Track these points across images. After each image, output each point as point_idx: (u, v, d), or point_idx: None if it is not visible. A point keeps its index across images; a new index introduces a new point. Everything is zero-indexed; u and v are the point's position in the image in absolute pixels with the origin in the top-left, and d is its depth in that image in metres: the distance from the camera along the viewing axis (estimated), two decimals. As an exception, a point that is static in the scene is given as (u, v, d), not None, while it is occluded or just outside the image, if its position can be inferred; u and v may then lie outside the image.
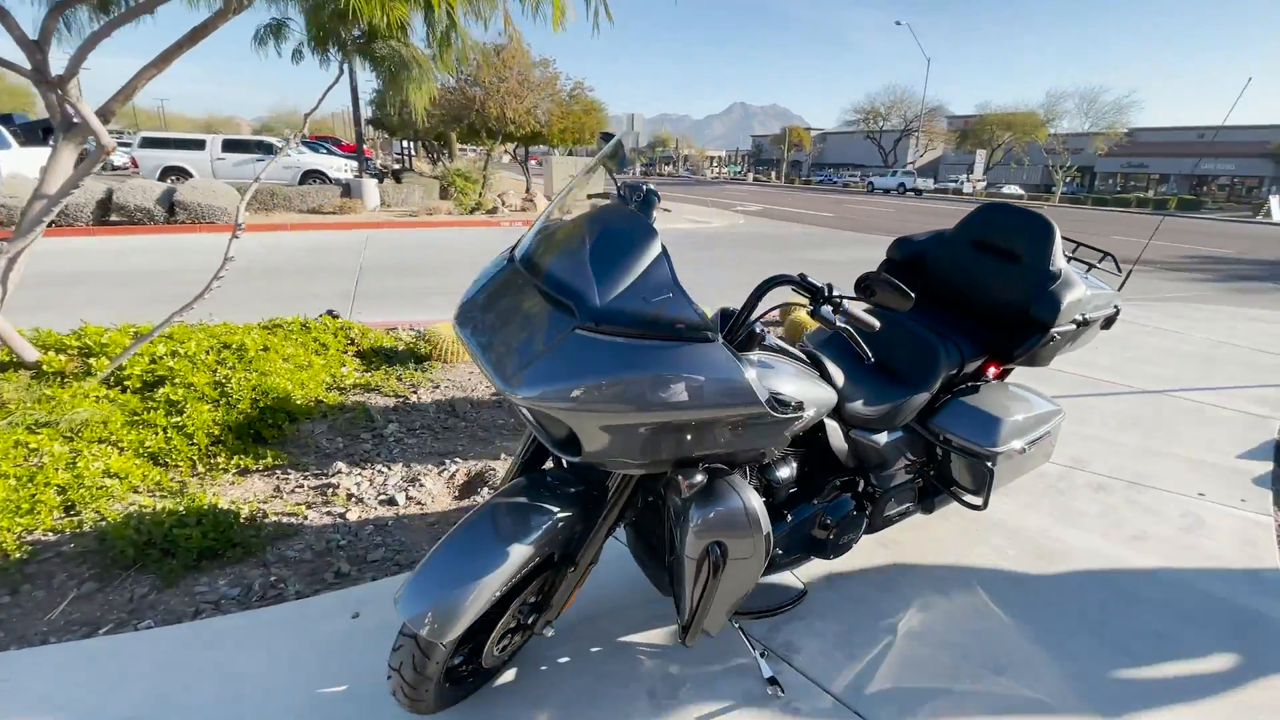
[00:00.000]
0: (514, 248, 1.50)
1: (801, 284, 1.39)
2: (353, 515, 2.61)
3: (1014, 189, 45.26)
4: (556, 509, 1.47)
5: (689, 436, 1.27)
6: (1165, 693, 1.84)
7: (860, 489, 2.03)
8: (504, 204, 16.01)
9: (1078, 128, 39.26)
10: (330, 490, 2.76)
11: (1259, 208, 30.80)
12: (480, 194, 15.74)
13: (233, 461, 2.86)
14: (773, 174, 68.11)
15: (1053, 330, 2.09)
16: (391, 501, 2.72)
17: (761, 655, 1.83)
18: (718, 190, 37.09)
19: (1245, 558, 2.48)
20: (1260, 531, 2.66)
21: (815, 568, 2.22)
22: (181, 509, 2.33)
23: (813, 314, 1.38)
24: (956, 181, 47.66)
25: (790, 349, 1.70)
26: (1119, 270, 2.42)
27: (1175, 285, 9.26)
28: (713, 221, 16.97)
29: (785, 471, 1.77)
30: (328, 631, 1.95)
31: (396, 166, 23.67)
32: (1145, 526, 2.66)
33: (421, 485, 2.84)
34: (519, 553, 1.38)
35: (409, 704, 1.49)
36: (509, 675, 1.79)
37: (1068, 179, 39.12)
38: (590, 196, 2.38)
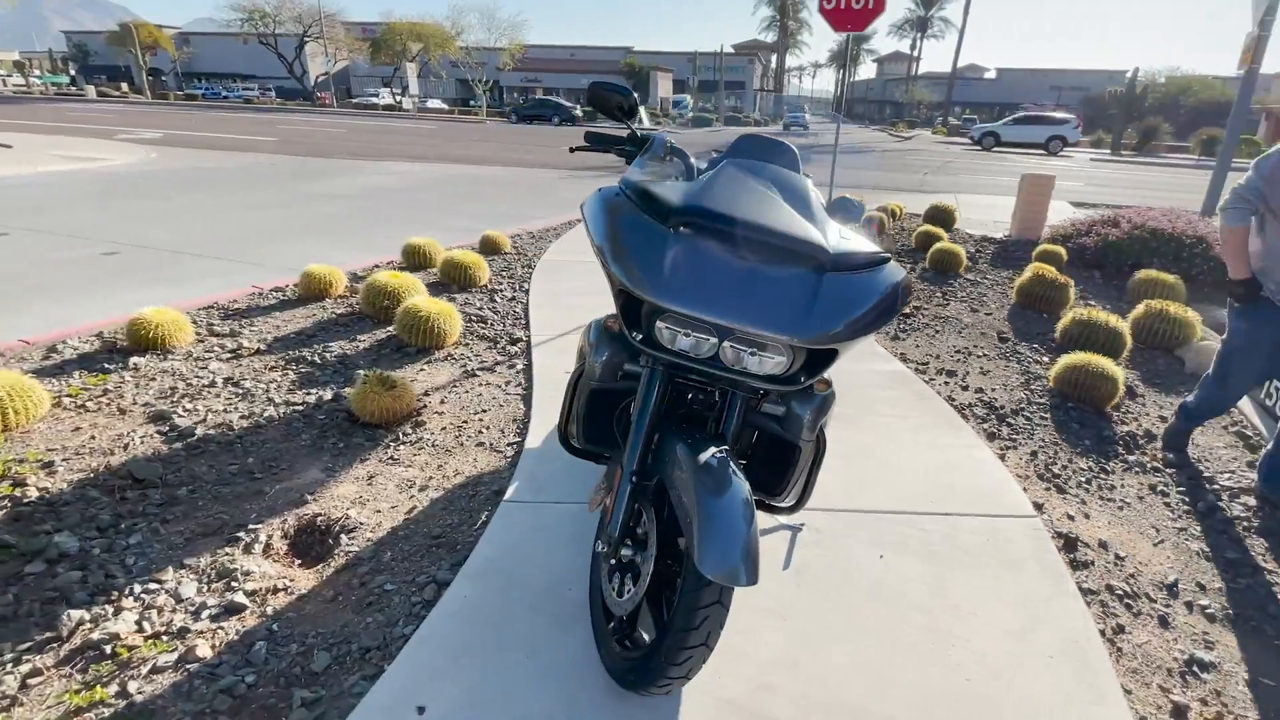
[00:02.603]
0: (666, 216, 1.57)
1: None
2: (204, 650, 1.90)
3: (437, 103, 49.65)
4: (721, 445, 1.69)
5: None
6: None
7: None
8: None
9: (484, 42, 45.31)
10: (110, 648, 1.88)
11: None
12: None
13: None
14: (125, 86, 55.66)
15: None
16: (234, 609, 2.06)
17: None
18: (50, 110, 28.82)
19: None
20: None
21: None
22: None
23: None
24: (397, 97, 49.27)
25: None
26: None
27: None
28: (112, 157, 13.53)
29: None
30: (402, 752, 1.62)
31: None
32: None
33: (246, 574, 2.20)
34: (744, 489, 1.59)
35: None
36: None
37: (486, 93, 45.19)
38: (574, 150, 2.32)
